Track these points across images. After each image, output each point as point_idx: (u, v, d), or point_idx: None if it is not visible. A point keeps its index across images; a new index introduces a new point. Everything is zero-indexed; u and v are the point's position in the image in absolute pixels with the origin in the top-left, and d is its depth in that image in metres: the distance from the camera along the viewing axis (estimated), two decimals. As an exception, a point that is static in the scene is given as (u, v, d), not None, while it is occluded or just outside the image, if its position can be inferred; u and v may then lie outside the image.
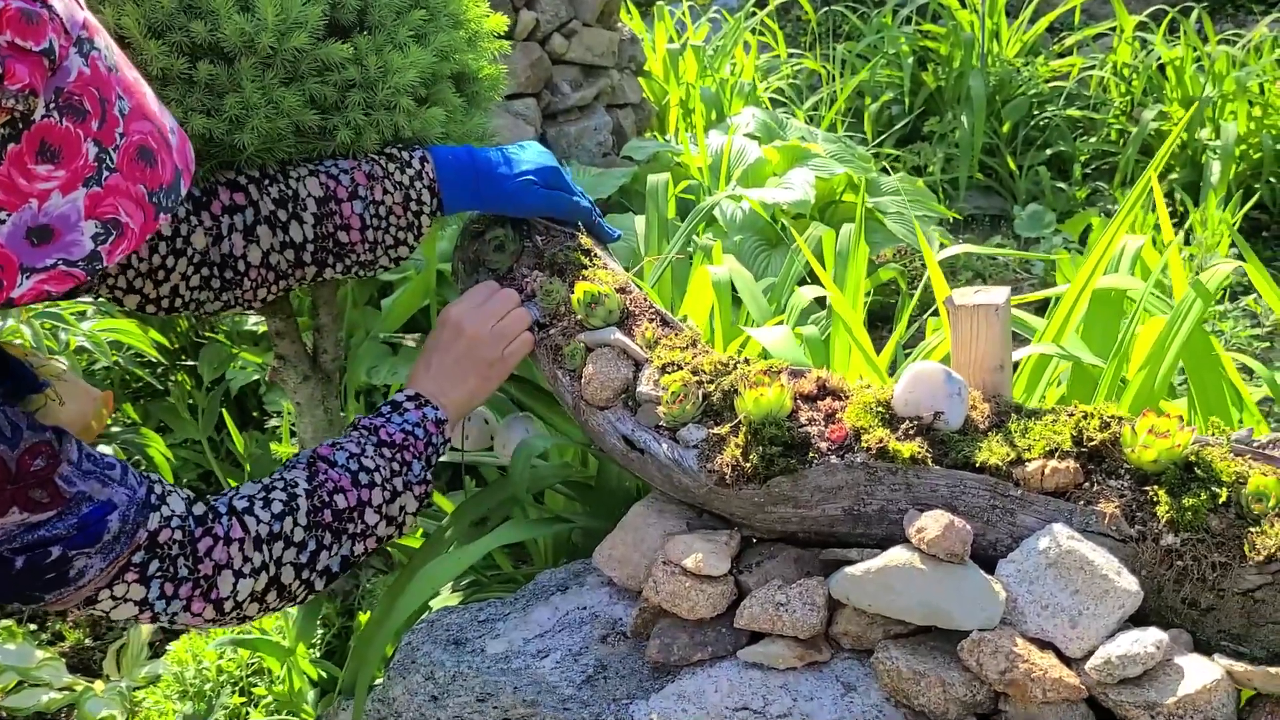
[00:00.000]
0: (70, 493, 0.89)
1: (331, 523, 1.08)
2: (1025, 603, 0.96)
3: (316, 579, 1.09)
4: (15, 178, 0.78)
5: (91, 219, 0.83)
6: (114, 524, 0.92)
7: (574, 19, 3.24)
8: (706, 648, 1.06)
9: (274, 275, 1.28)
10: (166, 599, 0.98)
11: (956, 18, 4.53)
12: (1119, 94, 4.46)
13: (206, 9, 1.19)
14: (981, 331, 1.12)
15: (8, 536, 0.86)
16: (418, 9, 1.36)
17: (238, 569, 1.02)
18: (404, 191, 1.29)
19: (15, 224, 0.79)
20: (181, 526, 0.98)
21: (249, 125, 1.22)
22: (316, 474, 1.10)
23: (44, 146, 0.79)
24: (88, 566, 0.91)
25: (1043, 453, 1.01)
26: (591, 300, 1.25)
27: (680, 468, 1.12)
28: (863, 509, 1.07)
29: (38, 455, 0.88)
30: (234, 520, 1.03)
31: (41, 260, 0.81)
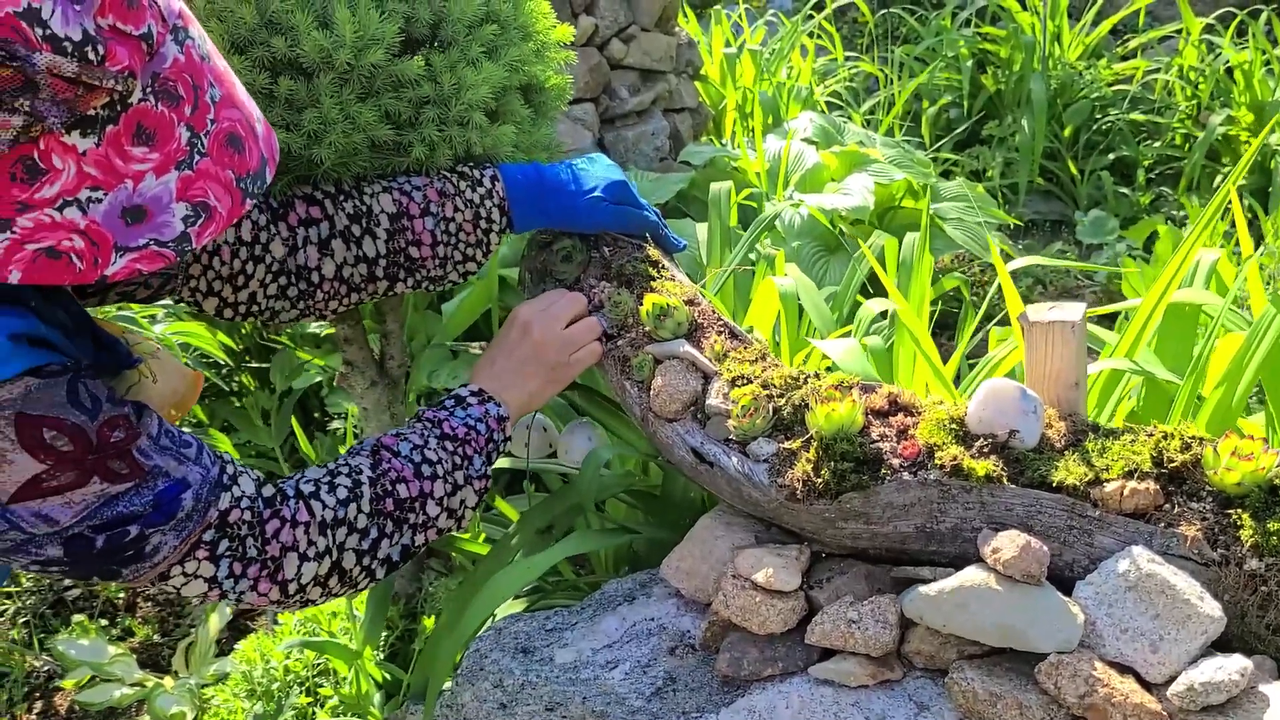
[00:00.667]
0: (148, 465, 0.92)
1: (393, 511, 1.09)
2: (1104, 626, 0.95)
3: (377, 566, 1.10)
4: (113, 158, 0.81)
5: (182, 201, 0.86)
6: (188, 502, 0.94)
7: (632, 24, 3.24)
8: (777, 663, 1.06)
9: (346, 288, 1.31)
10: (235, 578, 1.00)
11: (1017, 20, 4.48)
12: (1184, 98, 4.37)
13: (287, 25, 1.21)
14: (1057, 348, 1.11)
15: (88, 511, 0.89)
16: (489, 23, 1.37)
17: (303, 552, 1.03)
18: (474, 209, 1.31)
19: (111, 203, 0.82)
20: (251, 507, 1.00)
21: (326, 140, 1.24)
22: (380, 462, 1.11)
23: (140, 129, 0.82)
24: (162, 543, 0.93)
25: (1121, 473, 1.00)
26: (660, 312, 1.25)
27: (750, 482, 1.12)
28: (935, 526, 1.06)
29: (116, 427, 0.90)
30: (301, 503, 1.04)
31: (135, 239, 0.84)
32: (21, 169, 0.78)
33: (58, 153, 0.79)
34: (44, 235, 0.80)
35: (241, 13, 1.20)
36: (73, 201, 0.81)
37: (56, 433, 0.86)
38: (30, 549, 0.89)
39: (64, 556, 0.90)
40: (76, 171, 0.80)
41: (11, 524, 0.87)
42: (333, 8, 1.22)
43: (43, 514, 0.87)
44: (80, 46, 0.76)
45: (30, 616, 2.22)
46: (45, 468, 0.86)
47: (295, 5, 1.22)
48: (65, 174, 0.80)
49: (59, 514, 0.87)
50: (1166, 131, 4.30)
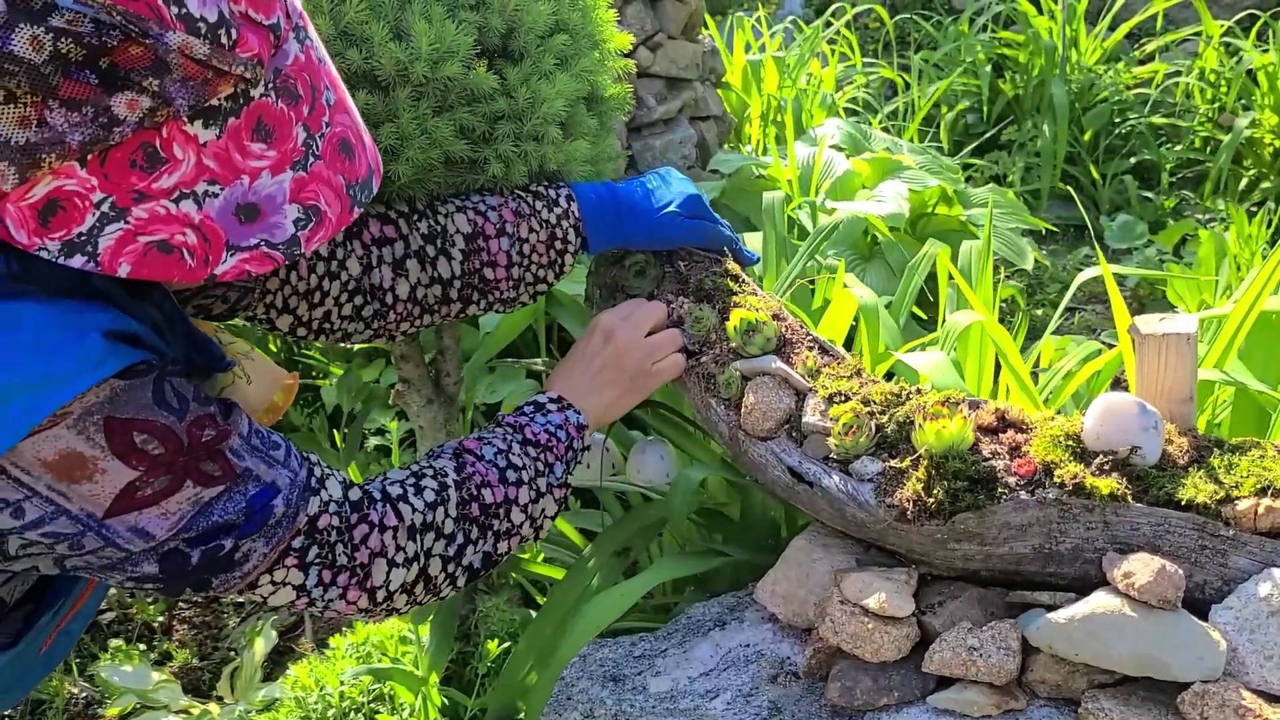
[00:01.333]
0: (240, 468, 0.88)
1: (479, 517, 1.05)
2: (1246, 653, 0.91)
3: (460, 573, 1.05)
4: (232, 153, 0.79)
5: (295, 203, 0.83)
6: (279, 508, 0.90)
7: (659, 31, 3.21)
8: (893, 692, 1.02)
9: (420, 309, 1.27)
10: (324, 586, 0.95)
11: (1034, 25, 4.46)
12: (1204, 101, 4.35)
13: (362, 37, 1.18)
14: (1170, 362, 1.07)
15: (184, 523, 0.85)
16: (560, 32, 1.34)
17: (391, 558, 0.99)
18: (549, 230, 1.28)
19: (227, 199, 0.79)
20: (339, 512, 0.96)
21: (404, 156, 1.20)
22: (464, 465, 1.07)
23: (260, 125, 0.80)
24: (252, 551, 0.90)
25: (1254, 490, 0.96)
26: (749, 328, 1.22)
27: (855, 502, 1.08)
28: (1054, 548, 1.02)
29: (205, 426, 0.86)
30: (388, 507, 1.00)
31: (247, 239, 0.81)
32: (143, 156, 0.76)
33: (179, 142, 0.77)
34: (158, 228, 0.78)
35: (317, 23, 1.16)
36: (189, 194, 0.78)
37: (147, 435, 0.82)
38: (126, 567, 0.85)
39: (159, 574, 0.86)
40: (196, 163, 0.78)
41: (108, 541, 0.83)
42: (409, 19, 1.19)
43: (139, 529, 0.83)
44: (214, 29, 0.74)
45: (66, 641, 2.17)
46: (138, 474, 0.82)
47: (369, 15, 1.18)
48: (185, 165, 0.77)
49: (155, 527, 0.84)
50: (1187, 135, 4.27)
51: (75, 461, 0.79)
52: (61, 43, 0.70)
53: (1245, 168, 4.04)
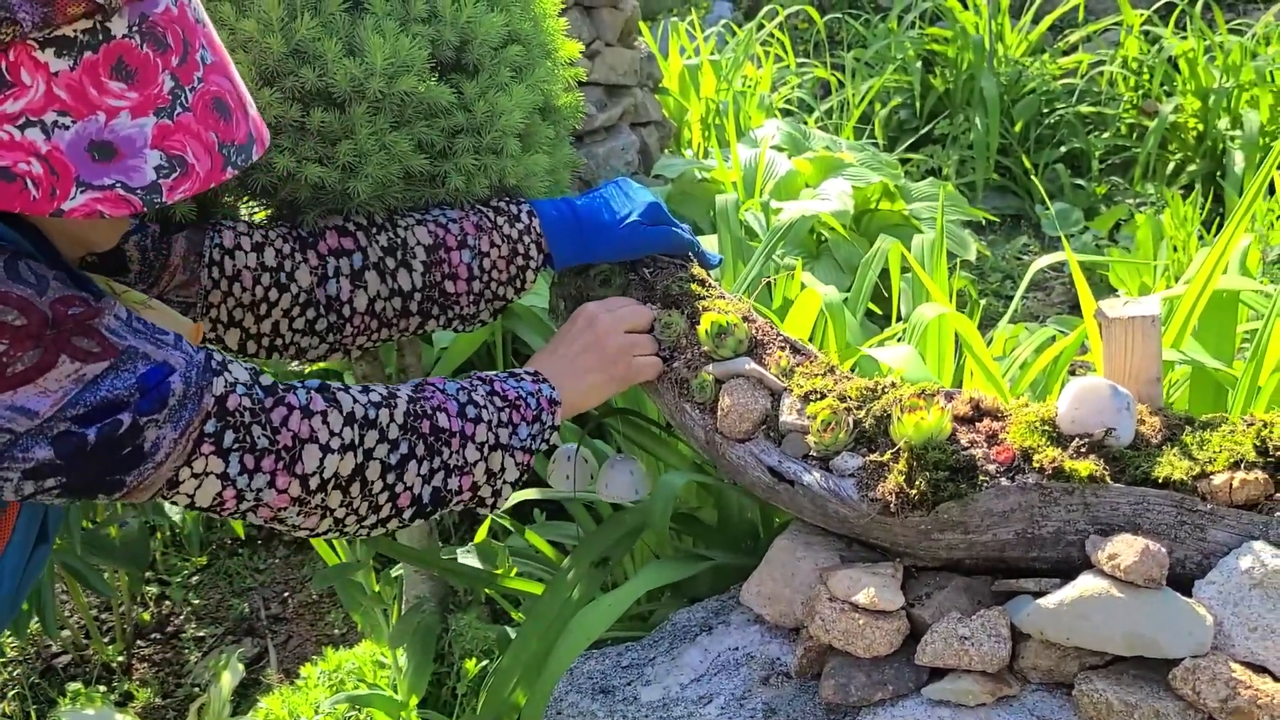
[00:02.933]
0: (121, 345, 0.84)
1: (428, 435, 1.01)
2: (1231, 625, 0.93)
3: (403, 494, 1.01)
4: (86, 86, 0.77)
5: (157, 149, 0.81)
6: (176, 386, 0.87)
7: (597, 39, 3.21)
8: (886, 686, 1.02)
9: (378, 323, 1.25)
10: (249, 473, 0.91)
11: (960, 20, 4.54)
12: (1127, 88, 4.46)
13: (315, 54, 1.16)
14: (1137, 344, 1.09)
15: (67, 398, 0.81)
16: (514, 44, 1.33)
17: (324, 444, 0.95)
18: (511, 245, 1.27)
19: (79, 133, 0.77)
20: (249, 394, 0.92)
21: (362, 172, 1.18)
22: (422, 388, 1.05)
23: (120, 64, 0.79)
24: (161, 438, 0.86)
25: (1227, 465, 0.98)
26: (720, 331, 1.22)
27: (838, 498, 1.08)
28: (1036, 532, 1.03)
29: (72, 305, 0.83)
30: (315, 394, 0.96)
31: (99, 178, 0.78)
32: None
33: (27, 67, 0.75)
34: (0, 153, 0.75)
35: (268, 42, 1.14)
36: (36, 122, 0.76)
37: (4, 306, 0.79)
38: (16, 453, 0.81)
39: (55, 458, 0.82)
40: (45, 91, 0.76)
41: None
42: (362, 34, 1.17)
43: (18, 406, 0.80)
44: None
45: (20, 688, 2.10)
46: (3, 348, 0.78)
47: (321, 32, 1.16)
48: (33, 91, 0.75)
49: (36, 404, 0.80)
50: (1114, 122, 4.38)
51: None
52: None
53: (1171, 152, 4.15)
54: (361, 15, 1.19)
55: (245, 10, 1.14)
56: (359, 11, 1.19)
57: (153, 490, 0.89)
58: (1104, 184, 4.17)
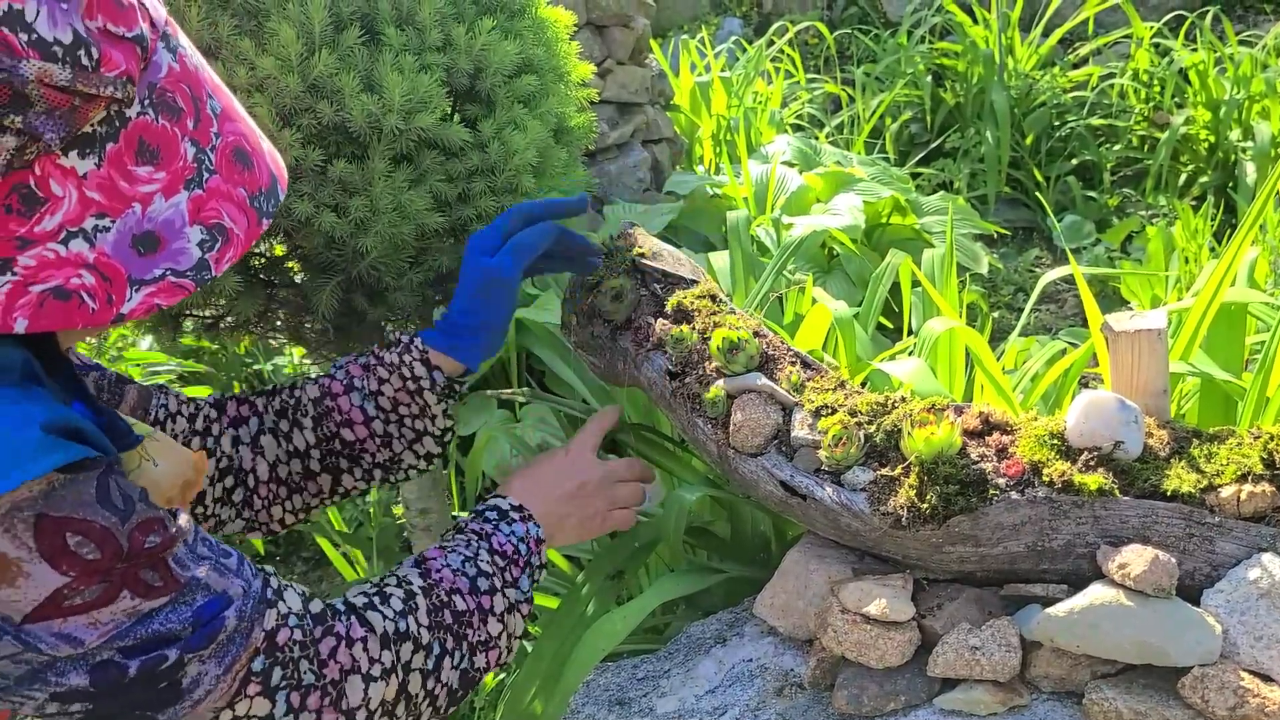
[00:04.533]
0: (184, 578, 0.78)
1: (452, 625, 0.97)
2: (1238, 634, 0.94)
3: (440, 691, 0.96)
4: (116, 180, 0.73)
5: (196, 224, 0.77)
6: (230, 621, 0.80)
7: (608, 58, 3.25)
8: (899, 696, 1.04)
9: (285, 490, 1.20)
10: (295, 713, 0.84)
11: (970, 34, 4.56)
12: (1138, 100, 4.48)
13: (332, 89, 1.18)
14: (1144, 357, 1.10)
15: (118, 631, 0.75)
16: (528, 73, 1.35)
17: (366, 672, 0.89)
18: (398, 372, 1.18)
19: (120, 231, 0.74)
20: (300, 625, 0.86)
21: (372, 229, 1.20)
22: (430, 573, 1.00)
23: (143, 146, 0.74)
24: (202, 674, 0.79)
25: (1234, 477, 1.00)
26: (731, 346, 1.23)
27: (850, 511, 1.10)
28: (1047, 544, 1.05)
29: (151, 531, 0.77)
30: (353, 618, 0.91)
31: (149, 271, 0.75)
32: (18, 199, 0.69)
33: (56, 178, 0.71)
34: (49, 274, 0.71)
35: (286, 81, 1.16)
36: (78, 232, 0.72)
37: (83, 537, 0.72)
38: (49, 676, 0.74)
39: (89, 687, 0.74)
40: (79, 198, 0.72)
41: (27, 645, 0.72)
42: (380, 71, 1.19)
43: (64, 634, 0.73)
44: (72, 51, 0.68)
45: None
46: (67, 580, 0.72)
47: (339, 68, 1.19)
48: (66, 201, 0.71)
49: (83, 634, 0.74)
50: (1125, 134, 4.39)
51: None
52: None
53: (1183, 164, 4.15)
54: (379, 49, 1.21)
55: (265, 46, 1.16)
56: (376, 45, 1.21)
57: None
58: (1116, 196, 4.18)
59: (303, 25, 1.17)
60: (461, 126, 1.25)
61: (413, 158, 1.24)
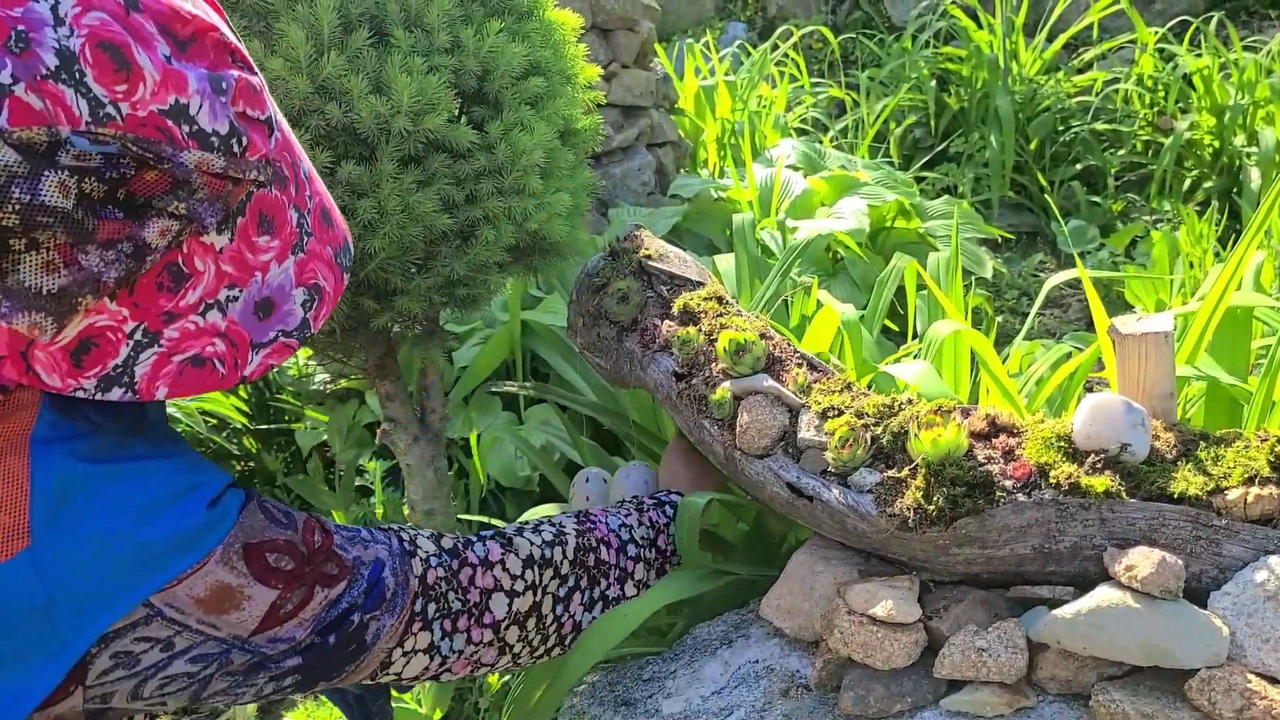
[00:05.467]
0: (349, 558, 0.90)
1: (593, 568, 1.09)
2: (1244, 636, 0.94)
3: (566, 621, 1.08)
4: (244, 252, 0.78)
5: (300, 286, 0.83)
6: (389, 579, 0.92)
7: (613, 61, 3.25)
8: (905, 698, 1.04)
9: None
10: (448, 635, 0.97)
11: (974, 39, 4.56)
12: (1143, 106, 4.47)
13: (340, 91, 1.18)
14: (1150, 360, 1.11)
15: (317, 622, 0.87)
16: (535, 75, 1.35)
17: (509, 589, 1.01)
18: None
19: (246, 300, 0.79)
20: (441, 563, 0.98)
21: (381, 231, 1.20)
22: (586, 520, 1.12)
23: (262, 217, 0.79)
24: (381, 627, 0.91)
25: (1241, 480, 1.00)
26: (738, 348, 1.24)
27: (856, 513, 1.10)
28: (1053, 547, 1.05)
29: (313, 532, 0.88)
30: (493, 542, 1.02)
31: (266, 334, 0.81)
32: (168, 277, 0.74)
33: (199, 255, 0.76)
34: (189, 344, 0.77)
35: (295, 82, 1.17)
36: (214, 304, 0.77)
37: (278, 553, 0.84)
38: (270, 666, 0.86)
39: (301, 664, 0.87)
40: (215, 272, 0.77)
41: (253, 652, 0.84)
42: (389, 72, 1.19)
43: (280, 638, 0.85)
44: (226, 140, 0.72)
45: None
46: (279, 593, 0.83)
47: (348, 69, 1.19)
48: (206, 276, 0.76)
49: (294, 632, 0.85)
50: (1129, 139, 4.39)
51: (224, 593, 0.80)
52: (85, 182, 0.66)
53: (1187, 169, 4.15)
54: (388, 50, 1.21)
55: (274, 48, 1.16)
56: (385, 46, 1.21)
57: (367, 672, 0.93)
58: (1120, 201, 4.18)
59: (311, 27, 1.18)
60: (469, 128, 1.25)
61: (420, 159, 1.24)
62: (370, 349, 1.52)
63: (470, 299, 1.36)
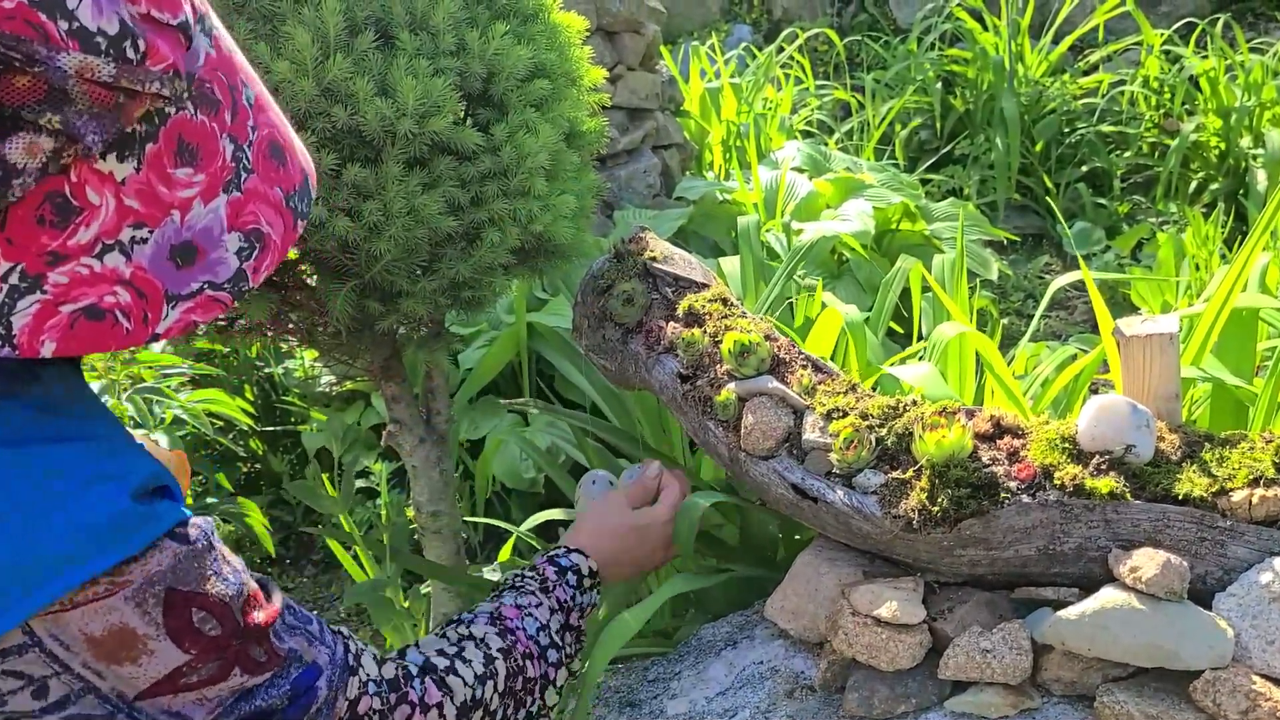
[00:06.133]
0: (283, 650, 0.76)
1: (519, 691, 0.99)
2: (1249, 638, 0.94)
3: None
4: (155, 185, 0.65)
5: (234, 231, 0.69)
6: (322, 690, 0.79)
7: (619, 64, 3.26)
8: (910, 699, 1.04)
9: None
10: None
11: (980, 41, 4.56)
12: (1149, 108, 4.47)
13: (346, 93, 1.18)
14: (1155, 361, 1.10)
15: (224, 708, 0.72)
16: (540, 77, 1.35)
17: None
18: None
19: (158, 243, 0.65)
20: (379, 693, 0.85)
21: (387, 234, 1.20)
22: (507, 634, 1.01)
23: (182, 145, 0.66)
24: None
25: (1246, 481, 1.00)
26: (743, 350, 1.24)
27: (861, 514, 1.10)
28: (1058, 548, 1.05)
29: (257, 606, 0.74)
30: (429, 681, 0.91)
31: (187, 285, 0.67)
32: (51, 209, 0.61)
33: (93, 185, 0.62)
34: (82, 292, 0.63)
35: (300, 85, 1.17)
36: (114, 245, 0.64)
37: (206, 613, 0.70)
38: None
39: None
40: (116, 206, 0.63)
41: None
42: (394, 75, 1.19)
43: (174, 712, 0.71)
44: (117, 42, 0.59)
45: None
46: (188, 659, 0.69)
47: (354, 72, 1.19)
48: (103, 211, 0.63)
49: (191, 711, 0.72)
50: (1135, 141, 4.38)
51: (125, 639, 0.67)
52: None
53: (1193, 170, 4.14)
54: (393, 53, 1.21)
55: (280, 51, 1.17)
56: (390, 49, 1.22)
57: None
58: (1126, 203, 4.17)
59: (317, 30, 1.18)
60: (474, 130, 1.25)
61: (426, 162, 1.25)
62: (375, 351, 1.53)
63: (475, 301, 1.36)
